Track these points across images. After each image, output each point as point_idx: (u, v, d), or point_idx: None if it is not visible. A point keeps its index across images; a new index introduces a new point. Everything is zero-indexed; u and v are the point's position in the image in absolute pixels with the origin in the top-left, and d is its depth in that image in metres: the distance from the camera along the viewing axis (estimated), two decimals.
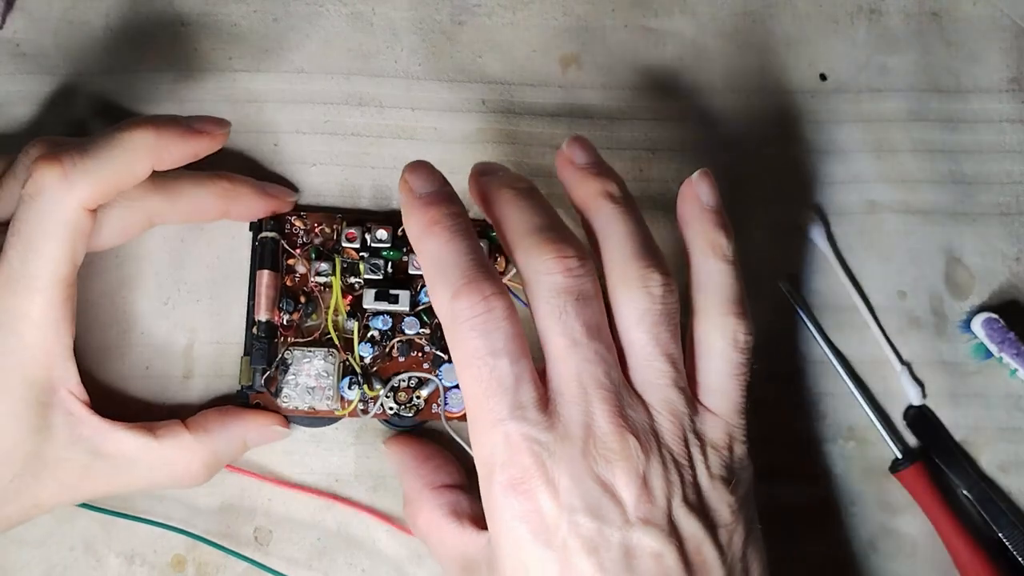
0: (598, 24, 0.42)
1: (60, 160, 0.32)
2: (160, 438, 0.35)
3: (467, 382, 0.30)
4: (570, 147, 0.34)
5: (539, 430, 0.29)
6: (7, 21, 0.41)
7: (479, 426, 0.30)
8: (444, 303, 0.30)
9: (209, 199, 0.37)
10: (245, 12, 0.41)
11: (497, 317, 0.30)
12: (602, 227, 0.32)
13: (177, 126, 0.34)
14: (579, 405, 0.30)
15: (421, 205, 0.31)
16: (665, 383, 0.31)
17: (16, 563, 0.37)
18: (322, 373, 0.37)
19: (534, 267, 0.31)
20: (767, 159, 0.41)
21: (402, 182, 0.32)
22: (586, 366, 0.30)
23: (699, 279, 0.33)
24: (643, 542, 0.29)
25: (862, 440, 0.39)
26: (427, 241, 0.31)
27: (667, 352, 0.31)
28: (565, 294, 0.30)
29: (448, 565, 0.34)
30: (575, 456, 0.29)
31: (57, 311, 0.33)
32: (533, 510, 0.29)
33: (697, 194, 0.34)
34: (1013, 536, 0.38)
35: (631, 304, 0.31)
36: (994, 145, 0.41)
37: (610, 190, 0.33)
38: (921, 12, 0.42)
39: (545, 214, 0.32)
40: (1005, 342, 0.38)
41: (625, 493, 0.29)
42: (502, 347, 0.30)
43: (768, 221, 0.40)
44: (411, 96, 0.41)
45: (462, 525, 0.33)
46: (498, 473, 0.29)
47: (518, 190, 0.32)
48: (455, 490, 0.35)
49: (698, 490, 0.30)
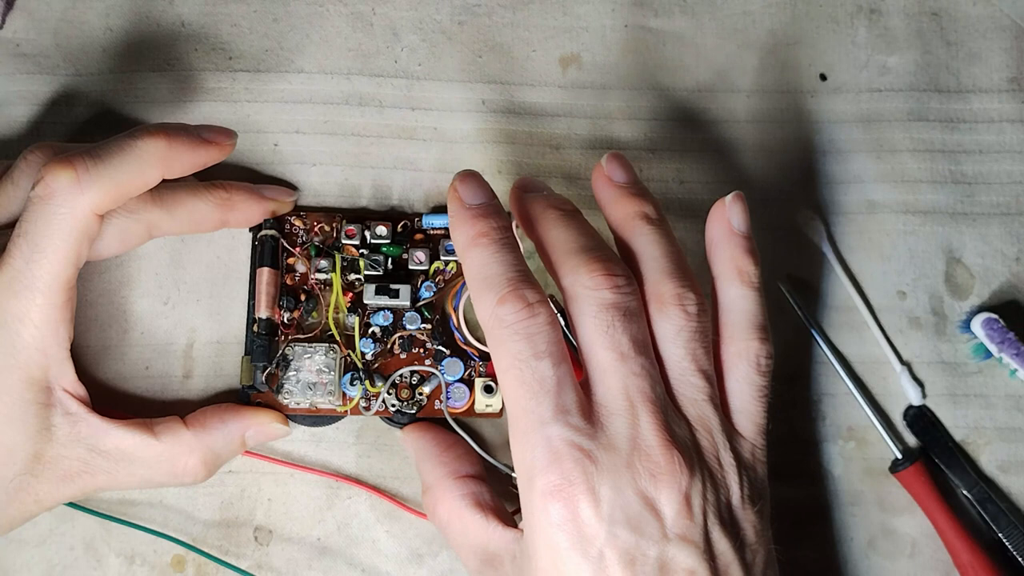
0: (598, 24, 0.42)
1: (73, 164, 0.32)
2: (159, 435, 0.35)
3: (509, 385, 0.30)
4: (609, 164, 0.35)
5: (583, 437, 0.30)
6: (7, 21, 0.41)
7: (520, 429, 0.30)
8: (488, 309, 0.31)
9: (207, 210, 0.37)
10: (245, 12, 0.41)
11: (540, 322, 0.30)
12: (639, 247, 0.33)
13: (187, 135, 0.35)
14: (626, 418, 0.30)
15: (470, 217, 0.32)
16: (702, 399, 0.32)
17: (16, 563, 0.37)
18: (323, 369, 0.37)
19: (583, 283, 0.31)
20: (767, 159, 0.41)
21: (451, 191, 0.33)
22: (633, 379, 0.30)
23: (725, 304, 0.34)
24: (679, 558, 0.29)
25: (862, 440, 0.39)
26: (474, 252, 0.32)
27: (702, 368, 0.32)
28: (613, 309, 0.31)
29: (467, 555, 0.34)
30: (619, 468, 0.29)
31: (57, 313, 0.33)
32: (572, 518, 0.29)
33: (728, 217, 0.34)
34: (1013, 536, 0.38)
35: (668, 321, 0.32)
36: (994, 145, 0.41)
37: (647, 212, 0.34)
38: (921, 12, 0.42)
39: (591, 236, 0.33)
40: (1005, 342, 0.38)
41: (667, 508, 0.29)
42: (544, 350, 0.30)
43: (768, 221, 0.40)
44: (411, 96, 0.41)
45: (486, 517, 0.34)
46: (539, 478, 0.29)
47: (564, 211, 0.33)
48: (477, 480, 0.35)
49: (730, 509, 0.31)
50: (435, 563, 0.37)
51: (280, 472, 0.38)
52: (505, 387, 0.31)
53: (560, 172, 0.40)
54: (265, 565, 0.37)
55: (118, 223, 0.35)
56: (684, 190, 0.40)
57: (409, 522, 0.38)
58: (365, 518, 0.38)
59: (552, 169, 0.40)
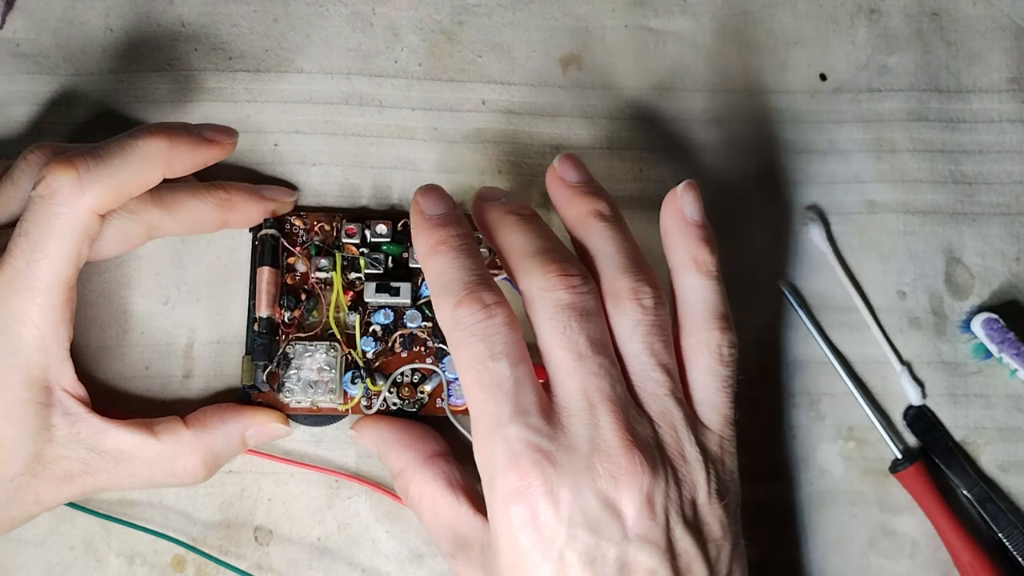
0: (598, 24, 0.42)
1: (74, 164, 0.32)
2: (159, 435, 0.35)
3: (469, 387, 0.30)
4: (561, 165, 0.35)
5: (542, 438, 0.29)
6: (7, 21, 0.41)
7: (480, 431, 0.30)
8: (447, 312, 0.31)
9: (207, 210, 0.37)
10: (245, 12, 0.41)
11: (497, 323, 0.30)
12: (593, 245, 0.33)
13: (188, 135, 0.35)
14: (585, 418, 0.30)
15: (430, 226, 0.32)
16: (663, 393, 0.31)
17: (16, 563, 0.37)
18: (324, 367, 0.37)
19: (538, 285, 0.31)
20: (767, 159, 0.41)
21: (413, 204, 0.33)
22: (592, 379, 0.30)
23: (683, 294, 0.33)
24: (639, 558, 0.29)
25: (862, 440, 0.39)
26: (433, 259, 0.32)
27: (662, 362, 0.32)
28: (569, 310, 0.31)
29: (440, 537, 0.34)
30: (579, 469, 0.29)
31: (57, 312, 0.33)
32: (532, 520, 0.29)
33: (681, 207, 0.34)
34: (1013, 536, 0.38)
35: (624, 317, 0.32)
36: (994, 145, 0.41)
37: (600, 209, 0.33)
38: (921, 12, 0.42)
39: (547, 238, 0.33)
40: (1005, 342, 0.38)
41: (627, 510, 0.29)
42: (501, 350, 0.30)
43: (768, 221, 0.40)
44: (411, 96, 0.41)
45: (458, 500, 0.34)
46: (499, 480, 0.30)
47: (521, 216, 0.33)
48: (447, 459, 0.35)
49: (695, 506, 0.31)
50: (435, 563, 0.37)
51: (280, 472, 0.38)
52: (465, 389, 0.31)
53: None
54: (265, 565, 0.37)
55: (118, 223, 0.35)
56: None
57: (409, 522, 0.38)
58: (365, 518, 0.38)
59: None
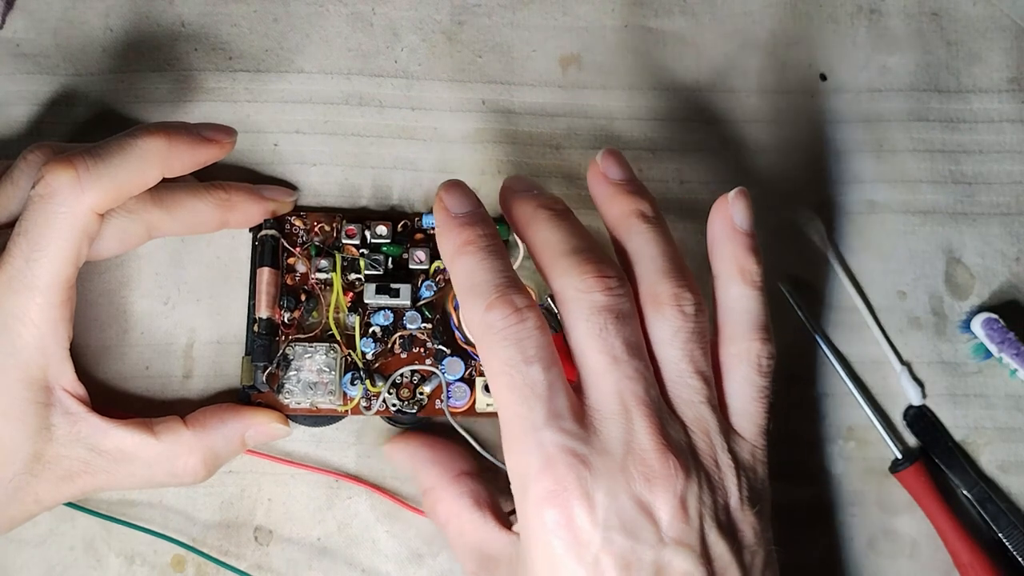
0: (598, 24, 0.42)
1: (73, 164, 0.32)
2: (159, 435, 0.35)
3: (500, 392, 0.30)
4: (605, 161, 0.34)
5: (576, 441, 0.29)
6: (7, 21, 0.41)
7: (513, 435, 0.30)
8: (477, 316, 0.30)
9: (206, 210, 0.37)
10: (245, 12, 0.41)
11: (529, 327, 0.30)
12: (635, 246, 0.33)
13: (187, 134, 0.35)
14: (620, 421, 0.30)
15: (456, 225, 0.32)
16: (699, 400, 0.31)
17: (16, 563, 0.37)
18: (324, 368, 0.37)
19: (574, 286, 0.31)
20: (767, 159, 0.41)
21: (437, 200, 0.33)
22: (627, 383, 0.30)
23: (726, 303, 0.33)
24: (675, 562, 0.29)
25: (862, 440, 0.39)
26: (461, 259, 0.31)
27: (699, 370, 0.31)
28: (605, 312, 0.30)
29: (464, 556, 0.34)
30: (613, 472, 0.29)
31: (56, 312, 0.33)
32: (567, 524, 0.29)
33: (731, 215, 0.33)
34: (1013, 536, 0.38)
35: (664, 322, 0.31)
36: (994, 145, 0.41)
37: (643, 209, 0.33)
38: (921, 12, 0.42)
39: (582, 236, 0.32)
40: (1005, 342, 0.38)
41: (662, 513, 0.29)
42: (534, 354, 0.30)
43: (768, 221, 0.40)
44: (411, 96, 0.41)
45: (484, 517, 0.34)
46: (533, 484, 0.29)
47: (555, 211, 0.32)
48: (475, 478, 0.35)
49: (728, 512, 0.31)
50: (435, 563, 0.37)
51: (280, 472, 0.38)
52: (496, 393, 0.30)
53: (560, 172, 0.40)
54: (265, 565, 0.37)
55: (117, 223, 0.35)
56: (684, 190, 0.40)
57: (409, 522, 0.38)
58: (365, 518, 0.38)
59: (552, 169, 0.40)
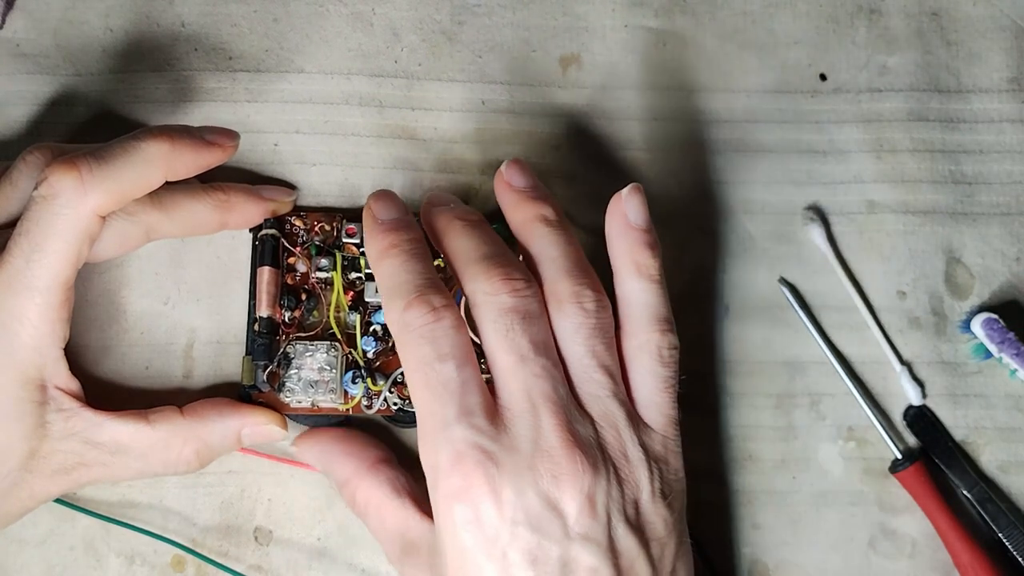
0: (598, 24, 0.42)
1: (77, 165, 0.32)
2: (153, 423, 0.35)
3: (415, 388, 0.31)
4: (509, 170, 0.35)
5: (485, 438, 0.30)
6: (7, 21, 0.41)
7: (426, 431, 0.31)
8: (396, 315, 0.31)
9: (205, 212, 0.37)
10: (245, 12, 0.41)
11: (445, 326, 0.31)
12: (537, 249, 0.34)
13: (191, 137, 0.35)
14: (528, 419, 0.30)
15: (381, 231, 0.33)
16: (605, 394, 0.32)
17: (16, 563, 0.37)
18: (325, 366, 0.37)
19: (482, 289, 0.32)
20: (767, 159, 0.41)
21: (366, 208, 0.34)
22: (535, 381, 0.31)
23: (625, 297, 0.34)
24: (581, 557, 0.30)
25: (862, 440, 0.39)
26: (384, 262, 0.32)
27: (604, 364, 0.32)
28: (512, 313, 0.31)
29: (387, 542, 0.34)
30: (521, 469, 0.30)
31: (55, 312, 0.33)
32: (475, 519, 0.30)
33: (625, 211, 0.34)
34: (1013, 536, 0.38)
35: (566, 319, 0.32)
36: (994, 145, 0.41)
37: (545, 214, 0.34)
38: (921, 12, 0.42)
39: (492, 243, 0.33)
40: (1005, 342, 0.38)
41: (569, 508, 0.30)
42: (448, 352, 0.31)
43: (768, 221, 0.40)
44: (411, 96, 0.41)
45: (404, 504, 0.34)
46: (443, 480, 0.30)
47: (467, 221, 0.34)
48: (392, 465, 0.36)
49: (637, 505, 0.31)
50: None
51: (280, 472, 0.38)
52: (412, 390, 0.31)
53: (560, 172, 0.40)
54: (265, 565, 0.37)
55: (117, 225, 0.35)
56: (683, 191, 0.40)
57: None
58: None
59: (552, 169, 0.40)
